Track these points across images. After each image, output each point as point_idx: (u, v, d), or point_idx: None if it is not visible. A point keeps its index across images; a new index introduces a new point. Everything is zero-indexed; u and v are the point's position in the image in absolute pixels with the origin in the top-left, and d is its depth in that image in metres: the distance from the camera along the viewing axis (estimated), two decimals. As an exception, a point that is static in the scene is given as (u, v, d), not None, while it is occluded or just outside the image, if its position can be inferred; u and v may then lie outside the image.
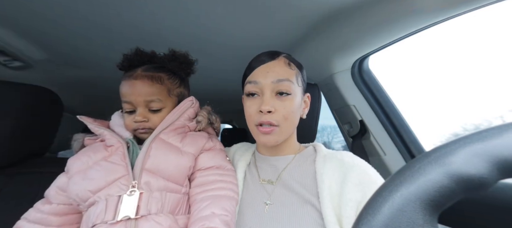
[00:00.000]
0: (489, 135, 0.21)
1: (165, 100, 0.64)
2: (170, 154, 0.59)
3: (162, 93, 0.64)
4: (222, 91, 1.52)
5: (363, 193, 0.51)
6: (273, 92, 0.59)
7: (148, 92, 0.62)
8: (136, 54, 0.66)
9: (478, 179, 0.20)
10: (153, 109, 0.63)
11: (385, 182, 0.23)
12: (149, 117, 0.62)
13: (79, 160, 0.59)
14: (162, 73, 0.65)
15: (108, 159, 0.57)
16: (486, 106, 1.22)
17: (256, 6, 0.69)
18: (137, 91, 0.61)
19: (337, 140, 2.22)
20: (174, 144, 0.61)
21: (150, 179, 0.55)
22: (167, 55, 0.68)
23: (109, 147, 0.60)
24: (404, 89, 1.27)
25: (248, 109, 0.62)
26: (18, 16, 0.73)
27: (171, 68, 0.67)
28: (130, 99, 0.61)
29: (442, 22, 0.67)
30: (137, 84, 0.61)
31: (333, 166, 0.57)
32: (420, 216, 0.21)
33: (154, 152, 0.58)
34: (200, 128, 0.68)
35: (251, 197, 0.62)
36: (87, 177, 0.55)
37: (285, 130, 0.61)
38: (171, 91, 0.66)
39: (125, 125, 0.64)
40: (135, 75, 0.62)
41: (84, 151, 0.61)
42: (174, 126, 0.63)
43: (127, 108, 0.63)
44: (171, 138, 0.62)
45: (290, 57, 0.65)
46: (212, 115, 0.71)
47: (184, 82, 0.71)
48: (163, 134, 0.61)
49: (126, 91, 0.62)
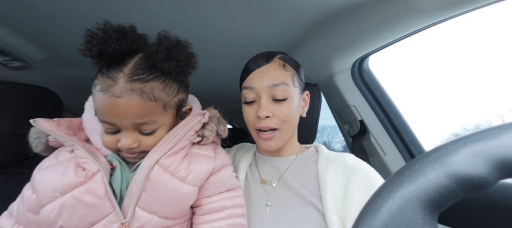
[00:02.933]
0: (489, 135, 0.21)
1: (161, 118, 0.48)
2: (171, 190, 0.47)
3: (157, 112, 0.46)
4: (222, 91, 1.52)
5: (367, 196, 0.51)
6: (269, 96, 0.59)
7: (138, 113, 0.44)
8: (109, 35, 0.42)
9: (478, 179, 0.20)
10: (146, 132, 0.47)
11: (385, 182, 0.23)
12: (140, 141, 0.46)
13: (46, 183, 0.44)
14: (155, 81, 0.45)
15: (84, 191, 0.43)
16: (486, 106, 1.22)
17: (256, 6, 0.69)
18: (122, 114, 0.43)
19: (337, 140, 2.22)
20: (177, 174, 0.48)
21: (145, 219, 0.45)
22: (158, 47, 0.45)
23: (83, 170, 0.44)
24: (404, 89, 1.26)
25: (247, 115, 0.62)
26: (18, 16, 0.73)
27: (166, 70, 0.45)
28: (112, 121, 0.44)
29: (442, 22, 0.67)
30: (122, 103, 0.42)
31: (336, 168, 0.57)
32: (420, 216, 0.21)
33: (152, 186, 0.46)
34: (206, 143, 0.54)
35: (252, 198, 0.62)
36: (62, 213, 0.43)
37: (286, 133, 0.61)
38: (167, 105, 0.48)
39: (104, 144, 0.47)
40: (117, 90, 0.42)
41: (51, 166, 0.47)
42: (178, 147, 0.49)
43: (108, 128, 0.45)
44: (175, 165, 0.48)
45: (286, 57, 0.64)
46: (220, 124, 0.56)
47: (183, 85, 0.52)
48: (164, 160, 0.47)
49: (105, 110, 0.43)
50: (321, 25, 0.78)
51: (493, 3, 0.58)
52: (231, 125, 2.93)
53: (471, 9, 0.61)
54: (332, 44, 0.87)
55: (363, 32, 0.77)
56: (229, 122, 2.90)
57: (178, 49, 0.46)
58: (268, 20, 0.76)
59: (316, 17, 0.75)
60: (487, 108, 1.19)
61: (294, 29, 0.82)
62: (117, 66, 0.43)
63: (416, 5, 0.62)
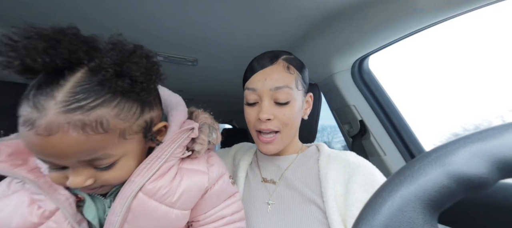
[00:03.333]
0: (489, 135, 0.21)
1: (119, 149, 0.36)
2: (158, 218, 0.40)
3: (111, 143, 0.35)
4: (222, 91, 1.52)
5: (369, 194, 0.50)
6: (271, 99, 0.58)
7: (82, 152, 0.33)
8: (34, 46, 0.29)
9: (478, 179, 0.20)
10: (101, 167, 0.36)
11: (385, 182, 0.23)
12: (96, 177, 0.36)
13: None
14: (104, 107, 0.33)
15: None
16: (486, 106, 1.22)
17: (256, 6, 0.69)
18: (57, 155, 0.32)
19: (337, 140, 2.22)
20: (165, 201, 0.40)
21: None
22: (106, 63, 0.32)
23: (39, 208, 0.36)
24: (404, 89, 1.26)
25: (248, 116, 0.62)
26: (18, 16, 0.73)
27: (120, 90, 0.33)
28: (50, 160, 0.33)
29: (442, 22, 0.67)
30: (55, 144, 0.30)
31: (337, 166, 0.57)
32: (420, 216, 0.21)
33: (135, 217, 0.38)
34: (196, 156, 0.46)
35: (252, 197, 0.62)
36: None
37: (286, 136, 0.60)
38: (127, 132, 0.36)
39: (52, 180, 0.36)
40: (45, 127, 0.30)
41: (3, 194, 0.38)
42: (165, 169, 0.41)
43: (51, 166, 0.35)
44: (161, 192, 0.39)
45: (290, 58, 0.63)
46: (212, 133, 0.48)
47: (149, 102, 0.40)
48: (150, 184, 0.39)
49: (35, 150, 0.32)
50: (321, 25, 0.78)
51: (493, 3, 0.58)
52: (231, 125, 2.93)
53: (471, 9, 0.61)
54: (332, 44, 0.87)
55: (363, 32, 0.77)
56: (229, 122, 2.90)
57: (134, 60, 0.33)
58: (268, 20, 0.76)
59: (316, 17, 0.75)
60: (487, 108, 1.19)
61: (294, 29, 0.82)
62: (49, 87, 0.30)
63: (416, 5, 0.62)
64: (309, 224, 0.52)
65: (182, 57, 1.03)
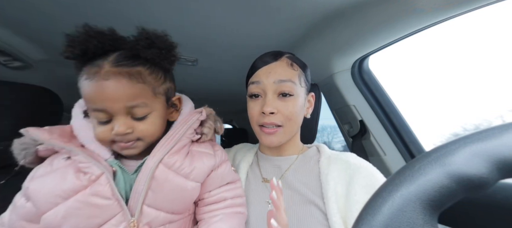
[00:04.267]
0: (489, 135, 0.21)
1: (152, 103, 0.48)
2: (176, 187, 0.49)
3: (147, 95, 0.47)
4: (222, 91, 1.52)
5: (369, 195, 0.50)
6: (275, 93, 0.59)
7: (129, 95, 0.44)
8: (89, 35, 0.43)
9: (478, 179, 0.20)
10: (138, 117, 0.46)
11: (385, 182, 0.23)
12: (133, 127, 0.46)
13: (44, 190, 0.43)
14: (140, 66, 0.46)
15: (89, 193, 0.43)
16: (486, 106, 1.22)
17: (256, 6, 0.69)
18: (112, 96, 0.43)
19: (337, 140, 2.22)
20: (181, 172, 0.49)
21: (153, 215, 0.46)
22: (138, 38, 0.47)
23: (86, 174, 0.44)
24: (404, 89, 1.26)
25: (251, 110, 0.62)
26: (18, 16, 0.73)
27: (149, 57, 0.46)
28: (102, 107, 0.44)
29: (442, 22, 0.67)
30: (110, 86, 0.43)
31: (338, 167, 0.57)
32: (420, 216, 0.21)
33: (158, 184, 0.47)
34: (205, 140, 0.57)
35: (253, 197, 0.62)
36: (66, 219, 0.42)
37: (289, 131, 0.61)
38: (156, 90, 0.48)
39: (98, 136, 0.46)
40: (104, 72, 0.43)
41: (45, 174, 0.45)
42: (179, 146, 0.50)
43: (100, 118, 0.45)
44: (179, 163, 0.49)
45: (293, 57, 0.64)
46: (217, 121, 0.59)
47: (168, 74, 0.53)
48: (168, 158, 0.48)
49: (95, 96, 0.44)
50: (321, 25, 0.78)
51: (493, 3, 0.58)
52: (231, 125, 2.93)
53: (471, 9, 0.61)
54: (332, 44, 0.87)
55: (363, 32, 0.77)
56: (229, 122, 2.90)
57: (158, 38, 0.47)
58: (268, 20, 0.76)
59: (316, 17, 0.75)
60: (487, 108, 1.19)
61: (294, 29, 0.82)
62: (101, 57, 0.45)
63: (416, 5, 0.62)
64: (310, 225, 0.52)
65: (182, 57, 1.03)
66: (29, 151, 0.47)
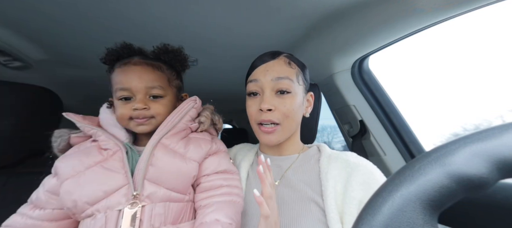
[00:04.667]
0: (489, 135, 0.21)
1: (166, 89, 0.61)
2: (173, 163, 0.55)
3: (163, 81, 0.60)
4: (222, 91, 1.52)
5: (365, 192, 0.51)
6: (273, 90, 0.60)
7: (150, 78, 0.58)
8: (123, 48, 0.60)
9: (478, 179, 0.20)
10: (154, 96, 0.59)
11: (385, 182, 0.23)
12: (150, 105, 0.58)
13: (69, 164, 0.53)
14: (160, 63, 0.62)
15: (105, 165, 0.52)
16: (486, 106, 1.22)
17: (256, 5, 0.69)
18: (137, 78, 0.57)
19: (337, 140, 2.21)
20: (178, 151, 0.57)
21: (153, 190, 0.52)
22: (159, 48, 0.63)
23: (105, 150, 0.54)
24: (404, 89, 1.27)
25: (249, 108, 0.63)
26: (18, 16, 0.73)
27: (167, 60, 0.63)
28: (128, 86, 0.56)
29: (442, 22, 0.67)
30: (137, 70, 0.57)
31: (338, 166, 0.58)
32: (420, 216, 0.21)
33: (157, 160, 0.54)
34: (203, 129, 0.64)
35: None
36: (82, 185, 0.50)
37: (287, 129, 0.61)
38: (171, 81, 0.63)
39: (119, 115, 0.58)
40: (134, 61, 0.58)
41: (73, 153, 0.56)
42: (177, 129, 0.59)
43: (123, 94, 0.57)
44: (174, 144, 0.57)
45: (291, 56, 0.65)
46: (215, 115, 0.67)
47: (180, 76, 0.68)
48: (165, 139, 0.57)
49: (123, 78, 0.57)
50: (321, 25, 0.78)
51: (493, 3, 0.58)
52: (231, 125, 2.93)
53: (471, 9, 0.61)
54: (332, 44, 0.87)
55: (363, 32, 0.77)
56: (229, 122, 2.90)
57: (174, 49, 0.64)
58: (268, 20, 0.76)
59: (316, 17, 0.75)
60: (487, 108, 1.19)
61: (295, 29, 0.82)
62: (132, 57, 0.60)
63: (416, 5, 0.62)
64: (308, 222, 0.52)
65: (182, 57, 1.03)
66: (64, 138, 0.58)
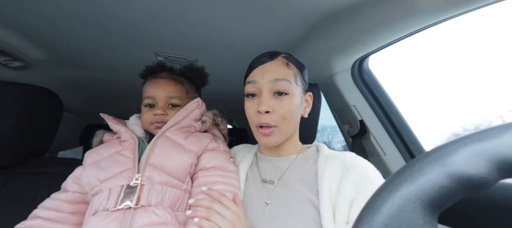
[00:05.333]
0: (489, 135, 0.21)
1: (184, 99, 0.73)
2: (173, 151, 0.63)
3: (182, 93, 0.73)
4: (222, 91, 1.52)
5: (357, 191, 0.51)
6: (271, 92, 0.59)
7: (171, 90, 0.71)
8: (157, 65, 0.78)
9: (478, 179, 0.20)
10: (173, 104, 0.71)
11: (385, 182, 0.23)
12: (167, 111, 0.70)
13: (95, 153, 0.65)
14: (183, 78, 0.76)
15: (120, 153, 0.63)
16: (486, 106, 1.22)
17: (256, 6, 0.69)
18: (160, 89, 0.70)
19: (337, 140, 2.21)
20: (178, 141, 0.65)
21: (153, 173, 0.59)
22: (185, 66, 0.78)
23: (123, 142, 0.66)
24: (404, 89, 1.27)
25: (248, 110, 0.63)
26: (18, 16, 0.73)
27: (190, 76, 0.78)
28: (153, 95, 0.70)
29: (442, 22, 0.67)
30: (162, 83, 0.71)
31: (334, 165, 0.58)
32: (420, 216, 0.21)
33: (158, 148, 0.63)
34: (205, 128, 0.72)
35: (252, 197, 0.62)
36: (99, 167, 0.60)
37: (284, 130, 0.61)
38: (189, 93, 0.76)
39: (143, 119, 0.70)
40: (161, 76, 0.73)
41: (101, 146, 0.67)
42: (180, 125, 0.68)
43: (148, 102, 0.70)
44: (175, 136, 0.66)
45: (289, 57, 0.65)
46: (218, 117, 0.75)
47: (199, 91, 0.82)
48: (168, 132, 0.66)
49: (151, 88, 0.71)
50: (321, 25, 0.78)
51: (493, 3, 0.58)
52: (231, 125, 2.93)
53: (471, 9, 0.61)
54: (332, 44, 0.87)
55: (363, 32, 0.77)
56: (229, 122, 2.90)
57: (197, 68, 0.80)
58: (268, 20, 0.76)
59: (317, 17, 0.75)
60: (487, 108, 1.19)
61: (294, 29, 0.82)
62: (160, 72, 0.76)
63: (416, 5, 0.62)
64: (302, 222, 0.52)
65: (182, 57, 1.03)
66: (98, 138, 0.72)
